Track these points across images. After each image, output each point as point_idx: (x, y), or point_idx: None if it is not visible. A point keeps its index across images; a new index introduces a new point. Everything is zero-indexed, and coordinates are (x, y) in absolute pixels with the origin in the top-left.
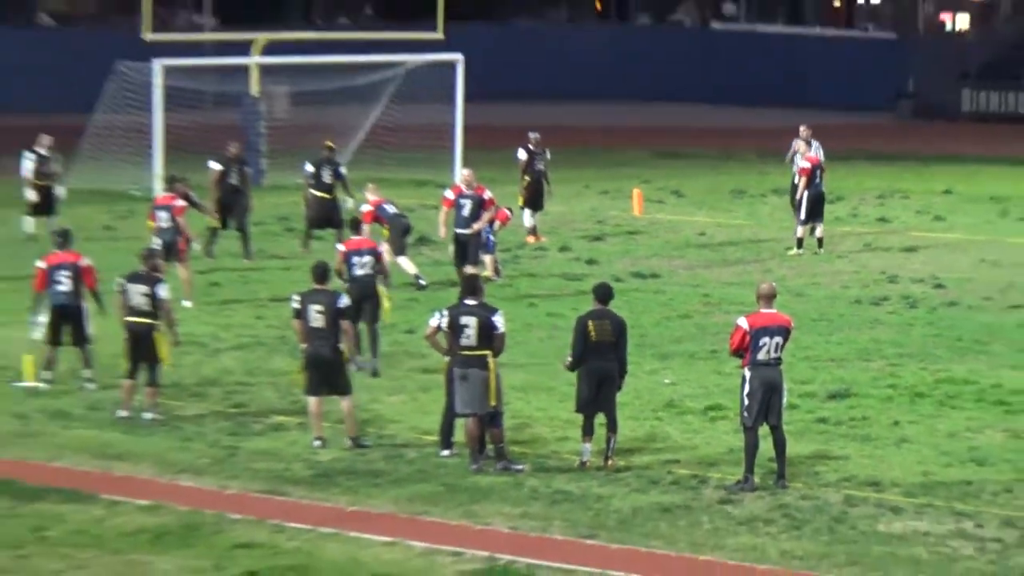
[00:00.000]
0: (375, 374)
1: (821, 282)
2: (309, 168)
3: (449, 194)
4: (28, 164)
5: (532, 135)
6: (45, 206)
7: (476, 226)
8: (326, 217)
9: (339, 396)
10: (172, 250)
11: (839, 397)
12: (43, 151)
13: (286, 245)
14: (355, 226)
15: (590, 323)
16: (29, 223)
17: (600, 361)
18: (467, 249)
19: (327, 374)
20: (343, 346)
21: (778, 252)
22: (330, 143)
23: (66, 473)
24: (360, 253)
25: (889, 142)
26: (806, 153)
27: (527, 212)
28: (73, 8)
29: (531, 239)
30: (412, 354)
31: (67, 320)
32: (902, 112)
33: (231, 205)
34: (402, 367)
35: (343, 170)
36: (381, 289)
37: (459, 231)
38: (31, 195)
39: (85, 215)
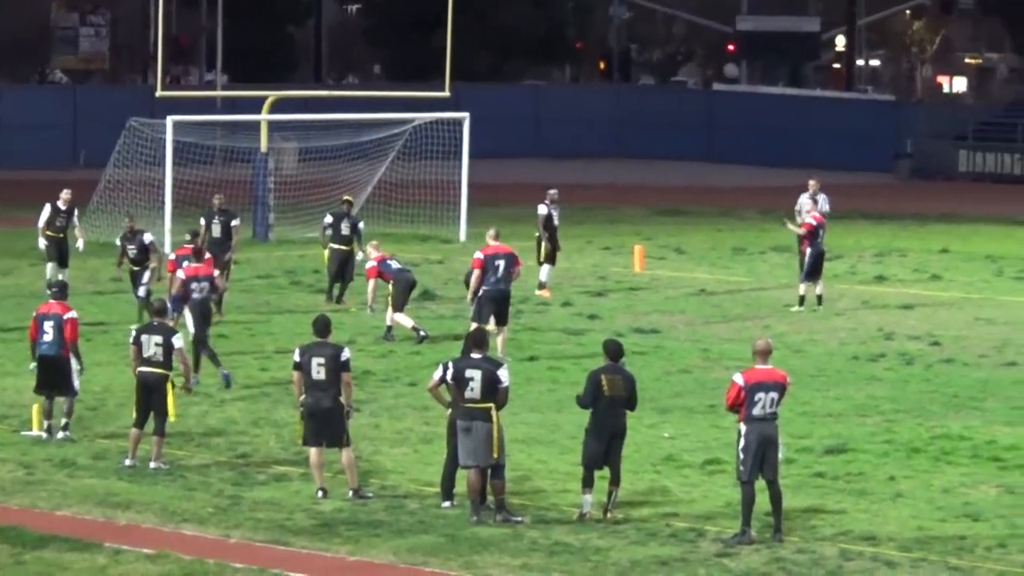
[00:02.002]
0: (228, 384)
1: (819, 339)
2: (328, 220)
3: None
4: (44, 216)
5: (551, 192)
6: (59, 257)
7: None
8: (341, 270)
9: (339, 448)
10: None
11: (836, 452)
12: (62, 205)
13: (293, 298)
14: (197, 255)
15: (603, 378)
16: (51, 268)
17: (610, 417)
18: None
19: (326, 425)
20: (343, 399)
21: (777, 308)
22: (349, 198)
23: (71, 521)
24: (199, 279)
25: (887, 202)
26: (812, 211)
27: (545, 267)
28: (87, 65)
29: (544, 293)
30: (415, 406)
31: (51, 370)
32: (900, 172)
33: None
34: (405, 419)
35: (361, 225)
36: (213, 308)
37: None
38: (41, 244)
39: (95, 268)
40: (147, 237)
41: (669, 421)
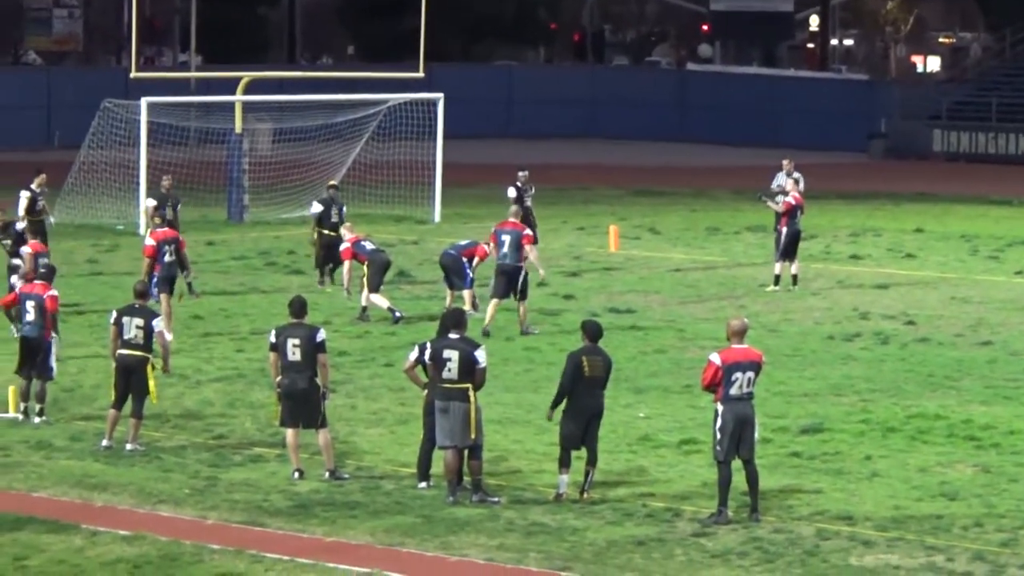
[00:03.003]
0: None
1: (794, 318)
2: (317, 208)
3: (493, 230)
4: (23, 202)
5: (521, 173)
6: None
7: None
8: (332, 255)
9: (315, 429)
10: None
11: (812, 431)
12: (37, 188)
13: (268, 279)
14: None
15: (584, 359)
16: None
17: (589, 398)
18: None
19: (302, 407)
20: (319, 380)
21: (752, 288)
22: (334, 183)
23: (47, 503)
24: (41, 256)
25: (862, 181)
26: (794, 190)
27: None
28: (60, 47)
29: None
30: (391, 387)
31: (32, 351)
32: (874, 152)
33: None
34: (381, 400)
35: (344, 209)
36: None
37: (498, 263)
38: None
39: (70, 249)
40: (20, 225)
41: (645, 401)
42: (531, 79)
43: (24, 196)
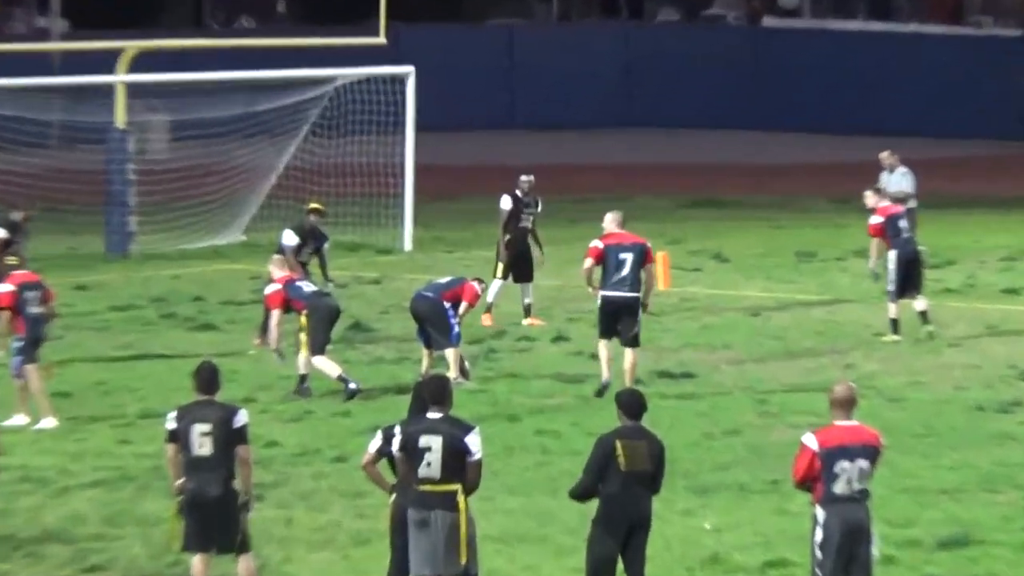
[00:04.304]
0: None
1: (926, 381)
2: (292, 240)
3: (597, 243)
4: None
5: (524, 178)
6: None
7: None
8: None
9: (233, 554)
10: None
11: (955, 545)
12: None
13: (164, 337)
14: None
15: (619, 444)
16: None
17: (629, 502)
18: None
19: (214, 522)
20: (238, 483)
21: (864, 339)
22: (317, 204)
23: None
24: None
25: (1017, 183)
26: (878, 203)
27: (499, 283)
28: None
29: (528, 321)
30: (343, 492)
31: None
32: None
33: None
34: (329, 510)
35: (327, 245)
36: None
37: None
38: None
39: None
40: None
41: (712, 505)
42: (541, 45)
43: None
